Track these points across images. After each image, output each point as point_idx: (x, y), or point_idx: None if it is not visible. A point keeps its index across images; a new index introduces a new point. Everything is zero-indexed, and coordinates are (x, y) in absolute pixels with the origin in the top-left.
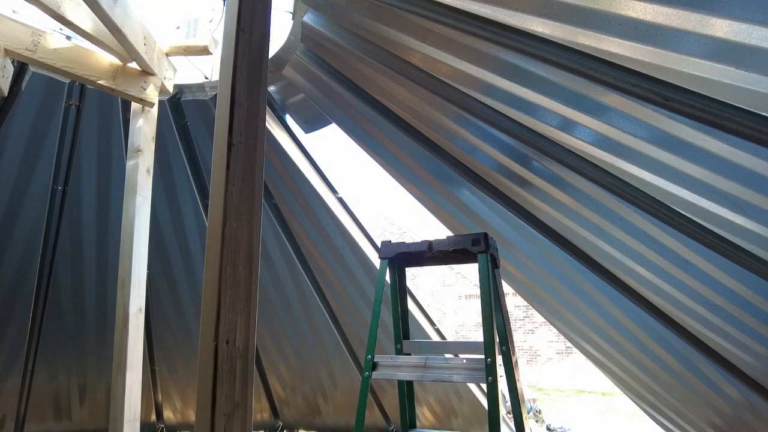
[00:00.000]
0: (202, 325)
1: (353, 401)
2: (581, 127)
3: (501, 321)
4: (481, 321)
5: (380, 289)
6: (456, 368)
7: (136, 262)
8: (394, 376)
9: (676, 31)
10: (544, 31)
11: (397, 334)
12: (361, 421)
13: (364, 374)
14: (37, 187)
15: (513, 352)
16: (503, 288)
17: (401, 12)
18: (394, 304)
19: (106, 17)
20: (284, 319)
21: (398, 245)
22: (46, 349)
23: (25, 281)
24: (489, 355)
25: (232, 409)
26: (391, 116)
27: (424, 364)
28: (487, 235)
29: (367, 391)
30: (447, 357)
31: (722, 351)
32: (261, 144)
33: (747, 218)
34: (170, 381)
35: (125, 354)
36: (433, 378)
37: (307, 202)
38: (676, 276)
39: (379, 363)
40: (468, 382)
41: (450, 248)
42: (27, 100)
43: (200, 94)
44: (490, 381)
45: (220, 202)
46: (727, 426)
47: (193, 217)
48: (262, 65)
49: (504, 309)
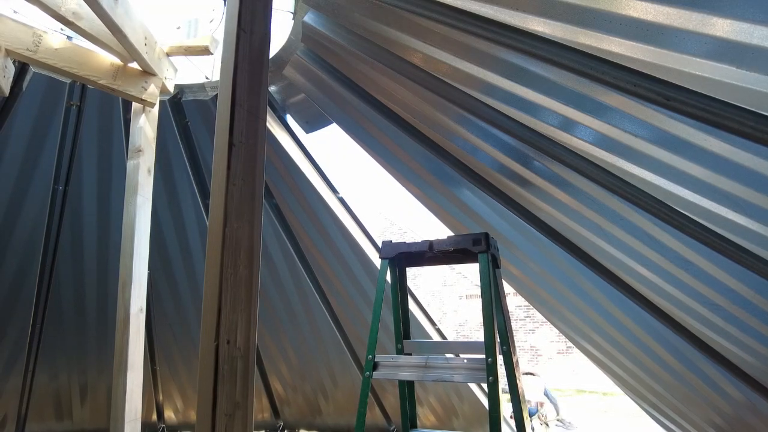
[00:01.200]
0: (202, 324)
1: (354, 401)
2: (582, 126)
3: (502, 321)
4: (482, 321)
5: (381, 289)
6: (457, 368)
7: (137, 262)
8: (396, 376)
9: (678, 31)
10: (545, 30)
11: (397, 334)
12: (362, 421)
13: (365, 374)
14: (38, 187)
15: (514, 352)
16: (504, 288)
17: (402, 12)
18: (394, 303)
19: (107, 17)
20: (285, 319)
21: (399, 245)
22: (47, 349)
23: (26, 281)
24: (490, 354)
25: (232, 409)
26: (391, 116)
27: (425, 364)
28: (488, 234)
29: (368, 391)
30: (448, 357)
31: (723, 351)
32: (262, 144)
33: (748, 218)
34: (171, 381)
35: (126, 354)
36: (434, 378)
37: (308, 202)
38: (677, 276)
39: (380, 363)
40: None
41: (451, 248)
42: (28, 100)
43: (201, 94)
44: (491, 381)
45: (220, 202)
46: (728, 426)
47: (193, 217)
48: (263, 65)
49: (505, 309)
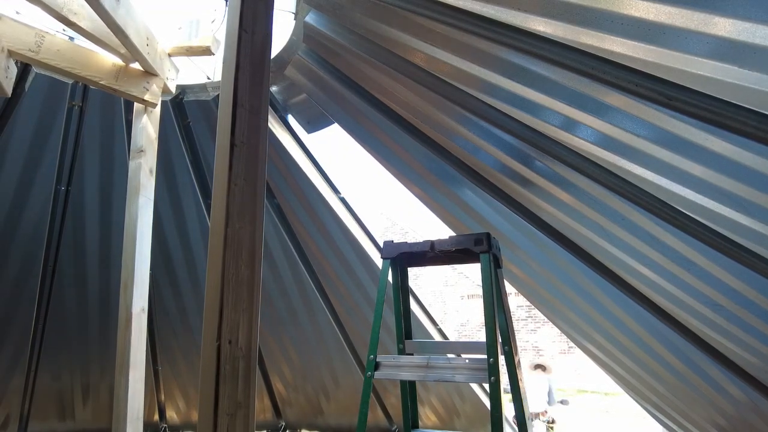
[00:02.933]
0: (204, 325)
1: (356, 401)
2: (584, 126)
3: (503, 321)
4: (484, 320)
5: (382, 289)
6: (458, 368)
7: (139, 263)
8: (397, 376)
9: (679, 30)
10: (547, 30)
11: (399, 334)
12: (364, 421)
13: (367, 374)
14: (40, 187)
15: (516, 352)
16: (506, 288)
17: (403, 12)
18: (396, 303)
19: (109, 18)
20: (287, 319)
21: (400, 245)
22: (49, 348)
23: (29, 281)
24: (491, 354)
25: (234, 409)
26: (392, 116)
27: (427, 364)
28: (489, 234)
29: (369, 391)
30: (449, 357)
31: (726, 351)
32: (263, 144)
33: (750, 218)
34: (173, 381)
35: (128, 354)
36: (435, 378)
37: (310, 202)
38: (679, 276)
39: (381, 363)
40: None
41: (452, 248)
42: (30, 100)
43: (203, 94)
44: (493, 381)
45: (222, 202)
46: (731, 426)
47: (195, 217)
48: (264, 65)
49: (506, 309)
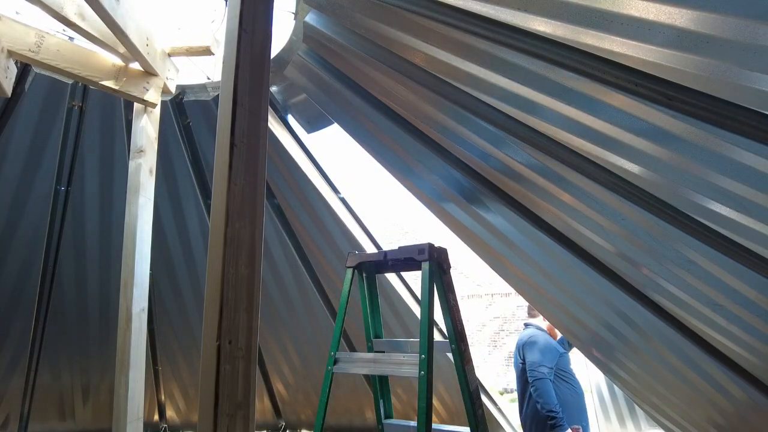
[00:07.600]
0: (204, 325)
1: (355, 401)
2: (585, 126)
3: (450, 322)
4: (419, 321)
5: (345, 294)
6: (399, 363)
7: (139, 263)
8: (350, 369)
9: (680, 30)
10: (547, 30)
11: (367, 334)
12: (323, 409)
13: (327, 368)
14: (40, 187)
15: (465, 350)
16: (455, 292)
17: (403, 12)
18: (364, 306)
19: (109, 18)
20: (287, 319)
21: (361, 255)
22: (49, 349)
23: (29, 281)
24: (423, 352)
25: (234, 409)
26: (393, 116)
27: (374, 359)
28: (432, 244)
29: (329, 383)
30: (393, 354)
31: (726, 350)
32: (263, 144)
33: (751, 218)
34: (173, 381)
35: (128, 354)
36: (380, 372)
37: (309, 202)
38: (679, 275)
39: (339, 359)
40: (408, 375)
41: (402, 257)
42: (30, 101)
43: (202, 94)
44: (422, 375)
45: (222, 202)
46: (730, 425)
47: (195, 217)
48: (264, 65)
49: (453, 310)
